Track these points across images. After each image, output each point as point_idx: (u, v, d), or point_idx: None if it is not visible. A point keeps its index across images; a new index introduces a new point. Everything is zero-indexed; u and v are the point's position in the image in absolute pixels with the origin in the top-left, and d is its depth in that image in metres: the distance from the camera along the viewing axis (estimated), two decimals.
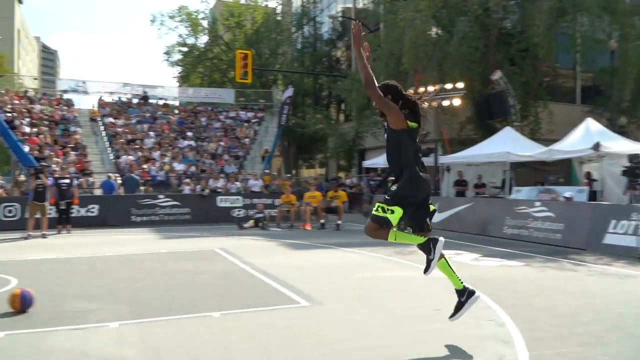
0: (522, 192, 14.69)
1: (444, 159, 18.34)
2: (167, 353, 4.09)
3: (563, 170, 17.13)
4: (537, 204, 12.12)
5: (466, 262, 8.84)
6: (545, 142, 17.71)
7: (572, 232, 10.96)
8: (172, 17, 36.97)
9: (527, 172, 17.08)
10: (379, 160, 22.68)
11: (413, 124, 4.49)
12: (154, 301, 5.84)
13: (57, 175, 15.34)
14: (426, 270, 4.74)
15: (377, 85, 4.45)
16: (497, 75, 18.60)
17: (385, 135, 4.62)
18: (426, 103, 4.71)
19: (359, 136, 29.24)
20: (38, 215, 12.88)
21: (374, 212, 4.57)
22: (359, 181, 24.74)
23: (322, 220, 14.60)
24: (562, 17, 19.56)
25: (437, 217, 15.00)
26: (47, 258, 9.18)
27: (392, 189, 4.58)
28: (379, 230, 4.55)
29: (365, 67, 4.47)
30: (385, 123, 4.56)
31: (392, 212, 4.43)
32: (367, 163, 24.26)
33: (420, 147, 4.65)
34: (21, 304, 5.35)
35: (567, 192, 12.98)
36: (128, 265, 8.39)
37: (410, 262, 8.67)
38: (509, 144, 15.56)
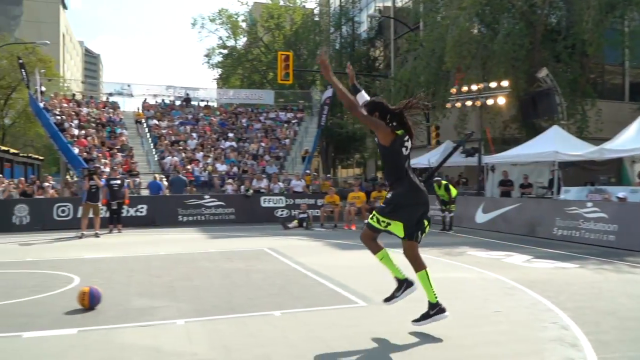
0: (571, 193, 14.34)
1: (489, 159, 18.05)
2: (236, 350, 4.18)
3: (613, 170, 16.65)
4: (589, 204, 11.82)
5: (518, 263, 8.71)
6: (592, 140, 17.22)
7: (626, 234, 10.65)
8: (212, 20, 37.57)
9: (575, 172, 16.67)
10: (421, 160, 22.49)
11: (401, 132, 4.63)
12: (214, 299, 5.98)
13: (106, 177, 15.84)
14: (387, 300, 5.04)
15: (359, 106, 4.69)
16: (543, 72, 18.19)
17: (378, 149, 4.83)
18: (415, 109, 4.78)
19: None
20: (91, 215, 13.33)
21: (369, 219, 4.83)
22: None
23: (366, 221, 14.55)
24: (612, 12, 18.99)
25: (483, 218, 14.85)
26: (105, 257, 9.50)
27: (387, 196, 4.83)
28: (371, 242, 4.98)
29: (343, 93, 4.64)
30: (376, 139, 4.72)
31: (387, 224, 4.75)
32: None
33: (409, 156, 4.78)
34: (90, 301, 5.56)
35: (620, 192, 12.59)
36: (183, 264, 8.60)
37: (460, 264, 8.61)
38: (557, 143, 15.20)
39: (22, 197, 16.93)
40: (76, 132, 24.59)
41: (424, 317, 4.79)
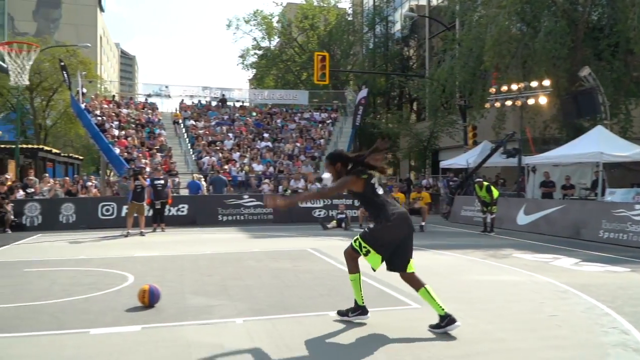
0: (616, 194, 14.00)
1: (529, 159, 17.77)
2: (299, 350, 4.26)
3: None
4: (638, 206, 11.54)
5: (567, 266, 8.57)
6: (636, 140, 16.79)
7: None
8: (247, 22, 37.96)
9: (620, 173, 16.26)
10: (458, 160, 22.30)
11: (366, 176, 4.86)
12: (268, 299, 6.08)
13: (150, 177, 16.20)
14: (339, 313, 5.23)
15: (327, 188, 5.21)
16: (585, 71, 17.80)
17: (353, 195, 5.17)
18: (378, 155, 5.01)
19: (434, 136, 28.86)
20: (136, 214, 13.66)
21: (353, 241, 5.08)
22: (435, 182, 24.41)
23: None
24: None
25: (525, 219, 14.63)
26: (154, 255, 9.75)
27: (370, 226, 5.10)
28: (352, 261, 5.20)
29: (312, 196, 5.09)
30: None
31: (367, 252, 4.94)
32: (444, 163, 23.90)
33: (383, 186, 5.08)
34: (150, 299, 5.73)
35: None
36: (230, 263, 8.75)
37: (508, 266, 8.51)
38: (601, 144, 14.86)
39: (66, 196, 17.47)
40: (116, 132, 25.19)
41: (435, 327, 4.81)
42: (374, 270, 5.02)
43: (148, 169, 18.18)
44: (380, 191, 4.97)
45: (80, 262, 9.07)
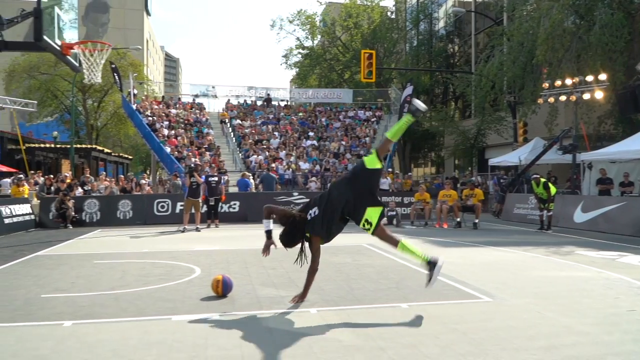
0: None
1: (585, 156, 17.26)
2: (380, 339, 4.27)
3: None
4: None
5: (636, 264, 8.29)
6: None
7: None
8: (291, 22, 38.23)
9: None
10: (508, 158, 21.89)
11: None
12: (337, 291, 6.14)
13: (205, 174, 16.54)
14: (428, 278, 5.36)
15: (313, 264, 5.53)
16: None
17: None
18: None
19: (481, 133, 28.38)
20: (192, 211, 13.98)
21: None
22: (484, 179, 24.00)
23: (458, 219, 14.39)
24: None
25: (582, 217, 14.24)
26: (215, 249, 9.96)
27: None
28: (387, 239, 5.56)
29: (312, 276, 5.58)
30: None
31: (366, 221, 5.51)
32: (493, 161, 23.49)
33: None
34: (223, 289, 5.87)
35: None
36: (291, 257, 8.77)
37: (575, 263, 8.31)
38: None
39: (121, 193, 18.04)
40: (166, 132, 25.81)
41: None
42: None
43: (207, 168, 18.57)
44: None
45: (144, 255, 9.36)
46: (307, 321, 4.85)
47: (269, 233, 5.86)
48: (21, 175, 18.22)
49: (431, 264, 5.22)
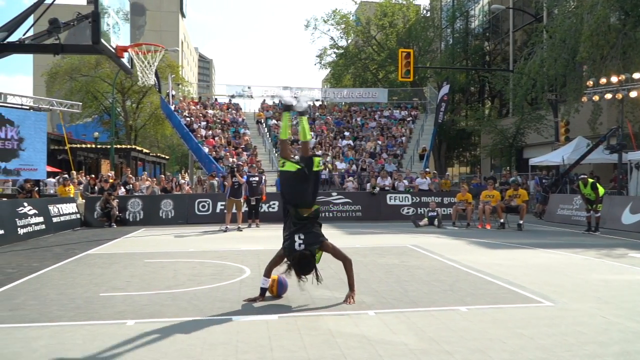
0: None
1: (633, 156, 16.73)
2: (446, 343, 4.21)
3: None
4: None
5: None
6: None
7: None
8: (326, 21, 38.23)
9: None
10: (551, 157, 21.40)
11: None
12: (391, 293, 6.08)
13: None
14: None
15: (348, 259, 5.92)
16: None
17: None
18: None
19: (520, 132, 27.82)
20: (234, 210, 14.10)
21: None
22: (524, 180, 23.50)
23: (501, 220, 14.12)
24: None
25: (632, 219, 13.82)
26: (260, 249, 10.00)
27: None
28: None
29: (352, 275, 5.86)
30: None
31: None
32: (534, 160, 22.99)
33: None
34: (278, 289, 5.89)
35: None
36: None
37: (629, 266, 8.05)
38: None
39: (162, 193, 18.32)
40: (204, 132, 26.12)
41: None
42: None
43: (246, 168, 18.71)
44: None
45: (192, 254, 9.48)
46: (368, 324, 4.81)
47: (263, 291, 5.80)
48: (66, 175, 18.70)
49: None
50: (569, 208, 16.21)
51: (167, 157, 48.47)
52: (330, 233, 13.26)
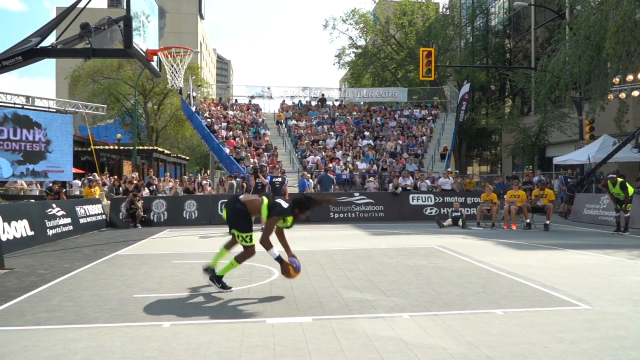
0: None
1: None
2: (486, 347, 4.16)
3: None
4: None
5: None
6: None
7: None
8: (345, 21, 38.18)
9: None
10: (576, 156, 21.10)
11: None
12: (423, 295, 6.03)
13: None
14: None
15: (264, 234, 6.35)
16: None
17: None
18: None
19: (543, 131, 27.46)
20: None
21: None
22: (548, 179, 23.19)
23: (527, 220, 13.94)
24: None
25: None
26: (284, 250, 9.98)
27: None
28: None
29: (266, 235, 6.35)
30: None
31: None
32: (558, 159, 22.67)
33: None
34: (295, 269, 6.14)
35: None
36: (363, 259, 8.81)
37: None
38: None
39: (185, 193, 18.45)
40: (224, 133, 26.27)
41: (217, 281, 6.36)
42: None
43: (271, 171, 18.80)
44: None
45: None
46: (403, 326, 4.78)
47: (280, 259, 6.20)
48: (91, 177, 18.95)
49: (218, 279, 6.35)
50: (596, 208, 15.96)
51: (187, 157, 48.83)
52: (354, 234, 13.29)
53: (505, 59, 38.46)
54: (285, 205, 6.28)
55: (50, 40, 7.37)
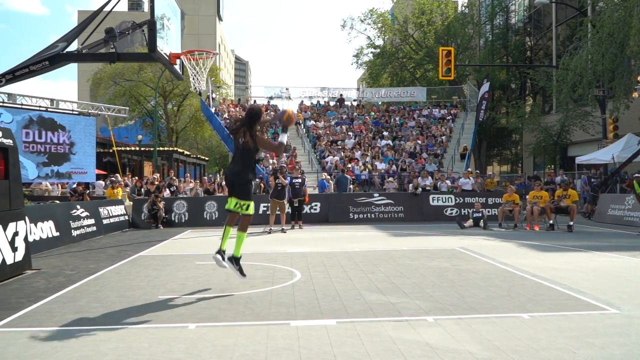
0: None
1: None
2: (514, 352, 4.12)
3: None
4: None
5: None
6: None
7: None
8: (363, 21, 38.10)
9: None
10: (599, 155, 20.78)
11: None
12: (447, 298, 5.99)
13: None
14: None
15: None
16: None
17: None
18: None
19: (565, 130, 27.08)
20: (278, 212, 14.20)
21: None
22: (571, 178, 22.85)
23: (550, 221, 13.76)
24: None
25: None
26: (307, 251, 10.04)
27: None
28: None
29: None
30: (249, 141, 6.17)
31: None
32: (581, 159, 22.35)
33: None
34: (279, 114, 6.50)
35: None
36: (385, 261, 8.78)
37: None
38: None
39: (205, 194, 18.58)
40: None
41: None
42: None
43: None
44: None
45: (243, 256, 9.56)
46: (428, 330, 4.75)
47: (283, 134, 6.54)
48: (114, 178, 19.19)
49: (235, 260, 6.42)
50: (621, 208, 15.69)
51: (206, 158, 49.20)
52: (374, 235, 13.26)
53: (525, 57, 38.01)
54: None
55: (74, 45, 7.51)
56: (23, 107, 16.27)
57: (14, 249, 7.72)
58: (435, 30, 37.54)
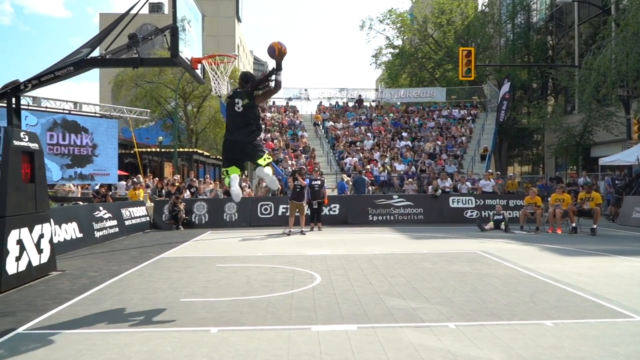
0: None
1: None
2: None
3: None
4: None
5: None
6: None
7: None
8: (381, 21, 37.97)
9: None
10: (624, 157, 20.37)
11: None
12: (468, 304, 5.95)
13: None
14: None
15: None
16: None
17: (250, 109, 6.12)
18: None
19: (588, 130, 26.63)
20: (297, 213, 14.24)
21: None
22: (595, 180, 22.48)
23: (573, 224, 13.56)
24: None
25: None
26: (327, 254, 10.05)
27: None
28: None
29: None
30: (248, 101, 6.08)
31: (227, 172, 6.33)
32: (604, 160, 21.94)
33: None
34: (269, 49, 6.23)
35: None
36: (405, 264, 8.75)
37: None
38: None
39: (225, 196, 18.69)
40: (262, 135, 26.46)
41: None
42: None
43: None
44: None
45: (261, 259, 9.64)
46: (449, 337, 4.72)
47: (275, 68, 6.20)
48: (135, 179, 19.43)
49: None
50: None
51: None
52: (393, 237, 13.22)
53: (547, 56, 37.48)
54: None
55: (96, 50, 7.65)
56: (47, 110, 16.59)
57: (40, 251, 7.87)
58: (455, 30, 37.23)
